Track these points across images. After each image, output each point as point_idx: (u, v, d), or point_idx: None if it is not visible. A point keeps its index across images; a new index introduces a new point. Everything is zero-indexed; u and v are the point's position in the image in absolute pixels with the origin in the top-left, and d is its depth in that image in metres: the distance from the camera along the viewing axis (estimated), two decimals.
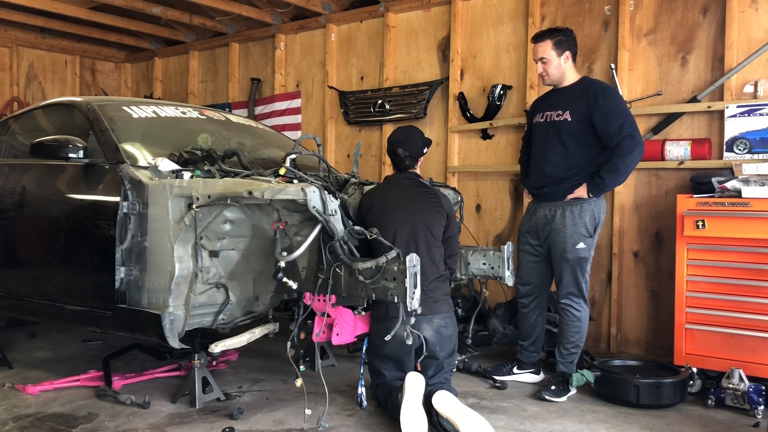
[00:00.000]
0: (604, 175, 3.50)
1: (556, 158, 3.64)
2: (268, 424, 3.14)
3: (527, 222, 3.80)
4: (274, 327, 3.33)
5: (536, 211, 3.74)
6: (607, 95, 3.55)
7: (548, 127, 3.68)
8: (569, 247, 3.58)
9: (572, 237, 3.57)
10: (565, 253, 3.59)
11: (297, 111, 6.45)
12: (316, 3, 6.02)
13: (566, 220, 3.59)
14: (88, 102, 3.82)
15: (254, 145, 4.36)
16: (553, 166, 3.64)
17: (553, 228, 3.63)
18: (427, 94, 5.47)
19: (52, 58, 7.61)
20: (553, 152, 3.64)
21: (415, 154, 3.51)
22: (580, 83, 3.67)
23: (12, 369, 4.00)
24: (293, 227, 3.14)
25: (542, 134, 3.72)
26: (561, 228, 3.60)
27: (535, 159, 3.76)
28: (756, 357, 3.42)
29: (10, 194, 3.85)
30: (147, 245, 3.18)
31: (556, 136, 3.63)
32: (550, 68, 3.64)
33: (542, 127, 3.73)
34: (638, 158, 3.52)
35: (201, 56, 7.40)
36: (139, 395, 3.39)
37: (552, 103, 3.71)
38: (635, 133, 3.47)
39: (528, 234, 3.78)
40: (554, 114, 3.66)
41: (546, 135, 3.69)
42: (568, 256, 3.58)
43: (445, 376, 3.28)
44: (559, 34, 3.63)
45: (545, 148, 3.68)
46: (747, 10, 4.10)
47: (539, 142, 3.73)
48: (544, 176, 3.68)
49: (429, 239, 3.31)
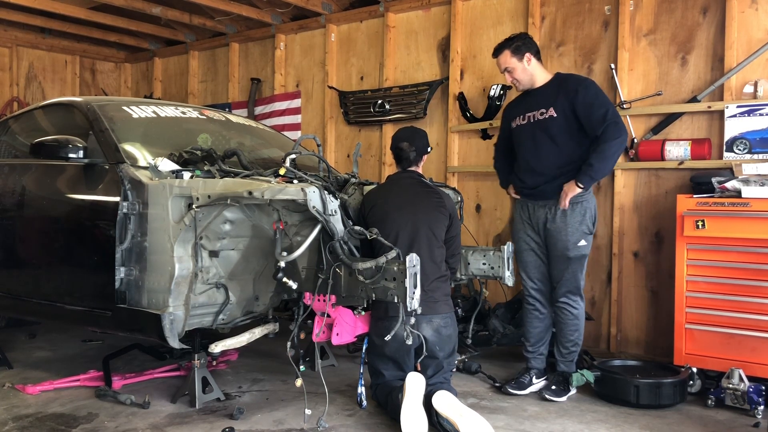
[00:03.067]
0: (592, 161, 3.48)
1: (548, 156, 3.62)
2: (268, 424, 3.14)
3: (526, 220, 3.77)
4: (274, 327, 3.33)
5: (535, 210, 3.71)
6: (585, 86, 3.57)
7: (534, 128, 3.67)
8: (571, 246, 3.57)
9: (574, 235, 3.58)
10: (567, 251, 3.58)
11: (297, 111, 6.45)
12: (316, 3, 6.02)
13: (567, 219, 3.58)
14: (88, 102, 3.82)
15: (254, 145, 4.36)
16: (546, 165, 3.63)
17: (554, 227, 3.62)
18: (427, 94, 5.47)
19: (52, 58, 7.60)
20: (545, 150, 3.63)
21: (420, 150, 3.55)
22: (554, 80, 3.69)
23: (12, 369, 4.00)
24: (293, 227, 3.14)
25: (528, 135, 3.70)
26: (563, 227, 3.59)
27: (525, 161, 3.73)
28: (756, 357, 3.42)
29: (10, 194, 3.85)
30: (147, 245, 3.18)
31: (544, 134, 3.62)
32: (517, 74, 3.68)
33: (527, 129, 3.72)
34: (623, 144, 3.51)
35: (201, 56, 7.40)
36: (139, 395, 3.39)
37: (531, 104, 3.71)
38: (618, 119, 3.50)
39: (530, 232, 3.75)
40: (537, 113, 3.66)
41: (533, 135, 3.67)
42: (570, 255, 3.58)
43: (444, 375, 3.28)
44: (514, 41, 3.67)
45: (535, 148, 3.67)
46: (747, 10, 4.10)
47: (526, 144, 3.72)
48: (537, 175, 3.66)
49: (431, 239, 3.31)
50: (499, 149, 4.05)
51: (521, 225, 3.82)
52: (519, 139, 3.78)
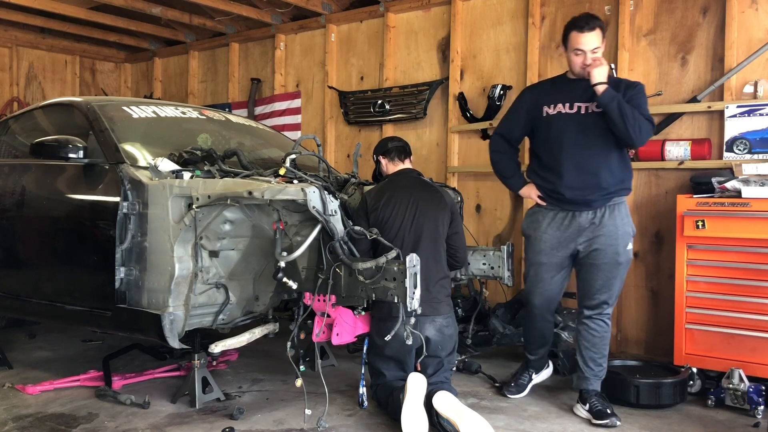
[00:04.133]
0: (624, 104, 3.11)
1: (611, 163, 3.22)
2: (268, 424, 3.14)
3: (554, 232, 3.34)
4: (274, 327, 3.33)
5: (574, 218, 3.29)
6: (640, 90, 3.29)
7: (586, 120, 3.24)
8: (622, 250, 3.25)
9: (623, 238, 3.26)
10: (618, 256, 3.24)
11: (297, 111, 6.45)
12: (316, 3, 6.02)
13: (616, 221, 3.25)
14: (88, 102, 3.82)
15: (254, 145, 4.36)
16: (610, 174, 3.22)
17: (602, 232, 3.23)
18: (427, 94, 5.47)
19: (52, 58, 7.60)
20: (605, 155, 3.23)
21: (408, 147, 3.59)
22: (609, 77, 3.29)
23: (12, 369, 4.00)
24: (293, 227, 3.14)
25: (578, 127, 3.25)
26: (613, 230, 3.23)
27: (569, 157, 3.26)
28: (756, 357, 3.42)
29: (10, 194, 3.85)
30: (147, 245, 3.18)
31: (604, 133, 3.20)
32: (599, 55, 3.22)
33: (575, 120, 3.26)
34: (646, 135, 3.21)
35: (201, 56, 7.39)
36: (139, 395, 3.39)
37: (584, 94, 3.24)
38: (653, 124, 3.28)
39: (560, 248, 3.33)
40: (593, 105, 3.22)
41: (583, 128, 3.24)
42: (621, 260, 3.26)
43: (445, 375, 3.28)
44: (599, 20, 3.28)
45: (588, 147, 3.23)
46: (747, 10, 4.10)
47: (573, 137, 3.25)
48: (593, 187, 3.22)
49: (434, 239, 3.30)
50: (504, 140, 3.53)
51: (546, 238, 3.36)
52: (559, 130, 3.29)
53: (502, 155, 3.54)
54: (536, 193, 3.40)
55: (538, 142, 3.43)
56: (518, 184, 3.52)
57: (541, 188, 3.38)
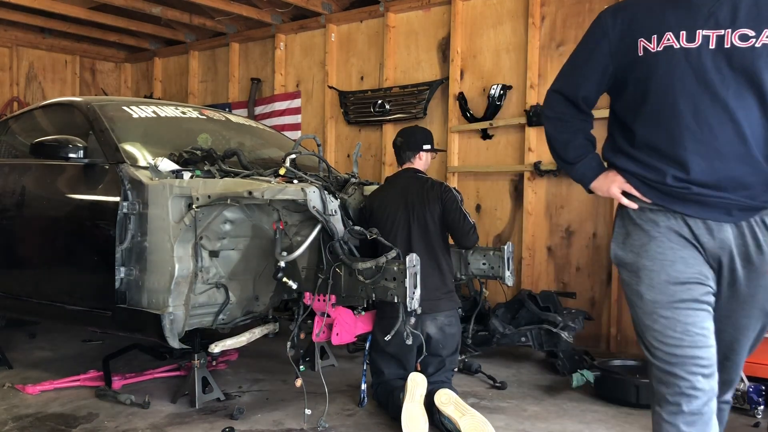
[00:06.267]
0: None
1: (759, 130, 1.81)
2: (268, 424, 3.14)
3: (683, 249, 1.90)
4: (274, 327, 3.33)
5: (713, 232, 1.87)
6: None
7: (728, 60, 1.79)
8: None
9: None
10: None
11: (297, 111, 6.45)
12: (316, 3, 6.02)
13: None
14: (88, 102, 3.82)
15: (254, 145, 4.36)
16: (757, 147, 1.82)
17: (760, 260, 1.88)
18: (427, 94, 5.47)
19: (52, 58, 7.61)
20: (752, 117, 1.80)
21: (411, 145, 3.50)
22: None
23: (12, 369, 3.99)
24: (293, 227, 3.13)
25: (715, 76, 1.80)
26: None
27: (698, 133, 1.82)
28: (756, 357, 3.41)
29: (10, 194, 3.84)
30: (147, 245, 3.18)
31: (751, 82, 1.79)
32: None
33: (706, 59, 1.80)
34: None
35: (201, 56, 7.40)
36: (139, 395, 3.39)
37: (717, 16, 1.80)
38: None
39: (700, 272, 1.90)
40: (735, 35, 1.78)
41: (722, 78, 1.80)
42: None
43: (446, 374, 3.28)
44: None
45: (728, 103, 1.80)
46: None
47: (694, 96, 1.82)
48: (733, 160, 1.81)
49: (425, 236, 3.30)
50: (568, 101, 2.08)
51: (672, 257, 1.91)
52: (675, 80, 1.84)
53: (563, 125, 2.10)
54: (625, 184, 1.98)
55: (629, 102, 1.99)
56: (597, 170, 2.07)
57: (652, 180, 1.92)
